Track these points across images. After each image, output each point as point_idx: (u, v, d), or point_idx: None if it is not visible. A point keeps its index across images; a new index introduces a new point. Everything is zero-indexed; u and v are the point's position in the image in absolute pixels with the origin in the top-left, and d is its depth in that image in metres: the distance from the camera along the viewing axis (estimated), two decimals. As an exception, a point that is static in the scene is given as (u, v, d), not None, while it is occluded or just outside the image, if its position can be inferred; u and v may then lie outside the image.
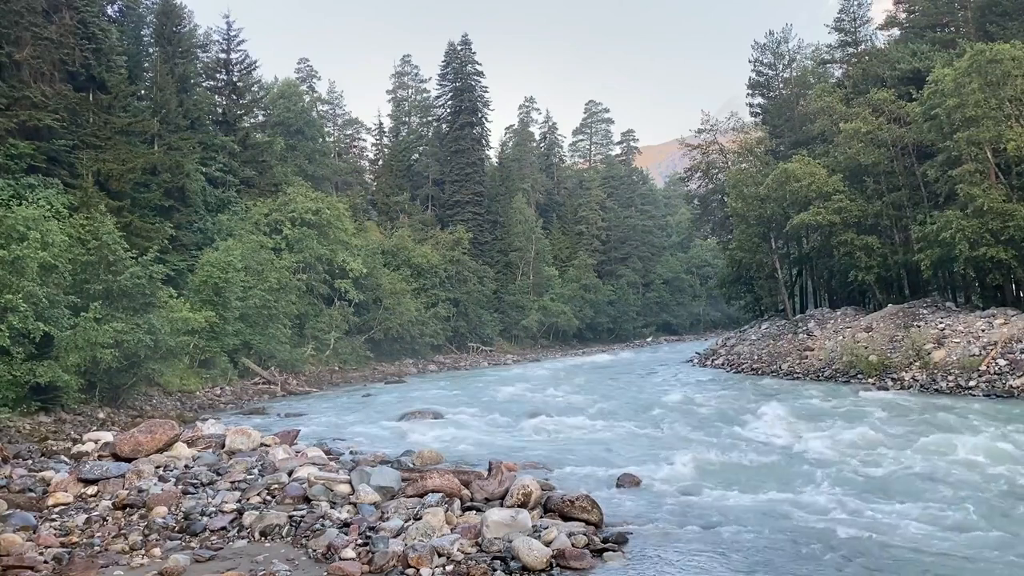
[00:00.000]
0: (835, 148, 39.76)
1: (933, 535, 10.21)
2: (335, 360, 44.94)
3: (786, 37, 57.88)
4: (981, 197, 28.75)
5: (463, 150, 69.97)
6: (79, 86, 33.02)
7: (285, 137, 56.98)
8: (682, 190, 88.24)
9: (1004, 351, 25.88)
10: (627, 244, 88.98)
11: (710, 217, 64.77)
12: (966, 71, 29.68)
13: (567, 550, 9.27)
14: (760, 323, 48.07)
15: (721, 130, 58.82)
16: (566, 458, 15.85)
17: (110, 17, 40.99)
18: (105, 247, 23.89)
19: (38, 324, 19.62)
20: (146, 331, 23.33)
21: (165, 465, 13.39)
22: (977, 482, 12.91)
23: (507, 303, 68.94)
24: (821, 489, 12.70)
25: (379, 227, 63.67)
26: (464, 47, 73.57)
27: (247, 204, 44.65)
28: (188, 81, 44.18)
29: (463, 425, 21.28)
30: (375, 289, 50.10)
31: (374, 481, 11.97)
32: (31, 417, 20.06)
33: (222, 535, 10.29)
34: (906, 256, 35.70)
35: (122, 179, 32.17)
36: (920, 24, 43.12)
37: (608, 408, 24.57)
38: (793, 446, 16.80)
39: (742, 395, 28.45)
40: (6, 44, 29.91)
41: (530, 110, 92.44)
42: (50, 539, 9.86)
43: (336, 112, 77.20)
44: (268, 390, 34.14)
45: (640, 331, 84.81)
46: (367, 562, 9.09)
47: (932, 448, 15.62)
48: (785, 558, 9.45)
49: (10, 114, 29.01)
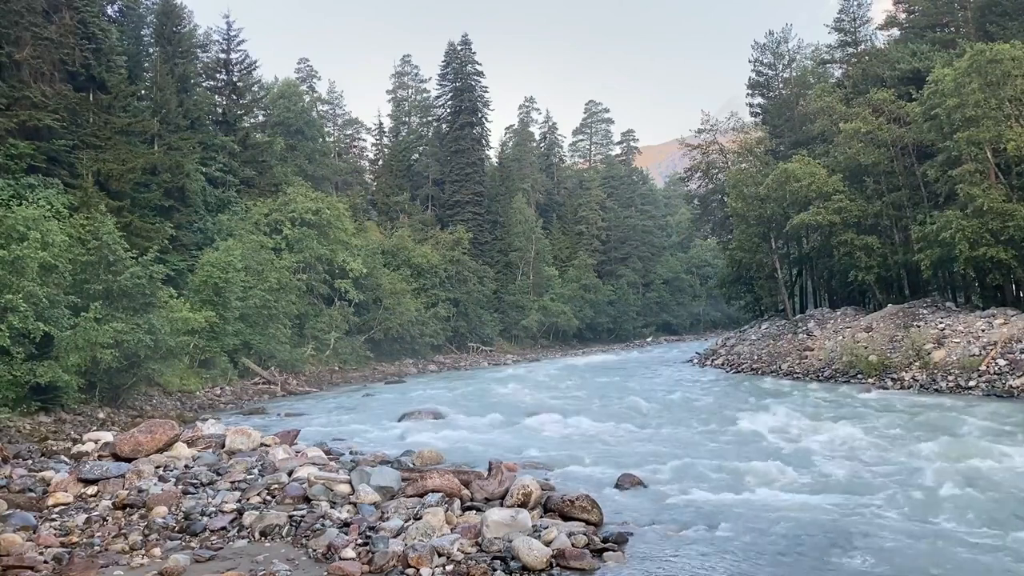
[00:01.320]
0: (835, 148, 39.76)
1: (933, 535, 10.21)
2: (335, 360, 44.96)
3: (786, 37, 57.99)
4: (981, 197, 28.75)
5: (463, 150, 69.99)
6: (79, 86, 33.03)
7: (285, 137, 57.00)
8: (682, 190, 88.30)
9: (1004, 351, 25.88)
10: (627, 244, 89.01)
11: (710, 217, 64.80)
12: (966, 71, 29.68)
13: (567, 550, 9.27)
14: (760, 323, 48.07)
15: (721, 130, 58.88)
16: (566, 458, 15.83)
17: (110, 17, 41.01)
18: (105, 247, 23.89)
19: (38, 324, 19.62)
20: (146, 331, 23.34)
21: (165, 465, 13.39)
22: (977, 482, 12.90)
23: (507, 303, 68.95)
24: (821, 489, 12.69)
25: (379, 227, 63.70)
26: (464, 47, 73.61)
27: (247, 204, 44.68)
28: (188, 81, 44.22)
29: (463, 425, 21.26)
30: (375, 289, 50.13)
31: (374, 481, 11.98)
32: (31, 417, 20.06)
33: (222, 535, 10.29)
34: (906, 256, 35.70)
35: (122, 179, 32.20)
36: (920, 24, 43.12)
37: (608, 408, 24.56)
38: (793, 446, 16.79)
39: (742, 395, 28.46)
40: (6, 44, 29.92)
41: (530, 110, 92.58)
42: (50, 539, 9.86)
43: (336, 112, 77.30)
44: (268, 390, 34.15)
45: (640, 331, 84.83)
46: (367, 562, 9.09)
47: (932, 448, 15.61)
48: (785, 558, 9.45)
49: (10, 114, 29.02)
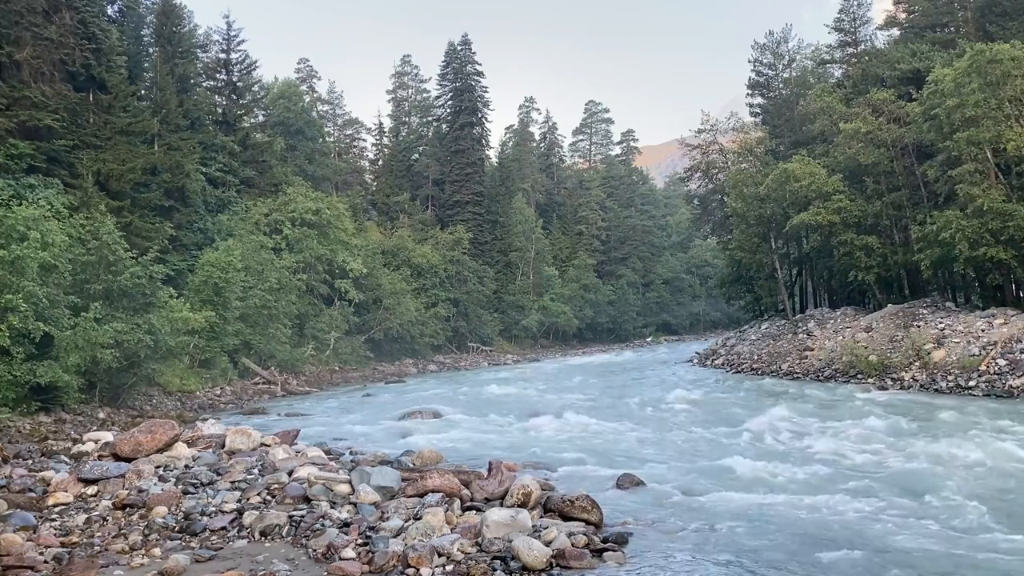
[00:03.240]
0: (835, 148, 39.75)
1: (933, 534, 10.22)
2: (335, 360, 44.97)
3: (786, 37, 57.98)
4: (981, 197, 28.74)
5: (463, 150, 69.98)
6: (79, 86, 33.02)
7: (285, 137, 56.99)
8: (682, 190, 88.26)
9: (1004, 351, 25.88)
10: (627, 244, 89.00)
11: (710, 217, 64.78)
12: (966, 71, 29.67)
13: (567, 550, 9.26)
14: (760, 323, 48.06)
15: (721, 130, 58.87)
16: (566, 458, 15.84)
17: (110, 17, 41.00)
18: (105, 247, 23.89)
19: (38, 324, 19.62)
20: (146, 331, 23.36)
21: (165, 465, 13.37)
22: (977, 482, 12.92)
23: (507, 303, 68.95)
24: (821, 489, 12.69)
25: (379, 227, 63.72)
26: (464, 47, 73.60)
27: (247, 204, 44.69)
28: (188, 81, 44.23)
29: (463, 425, 21.27)
30: (375, 289, 50.14)
31: (374, 481, 11.97)
32: (31, 417, 20.06)
33: (222, 535, 10.28)
34: (906, 256, 35.70)
35: (122, 179, 32.20)
36: (920, 24, 43.13)
37: (608, 408, 24.56)
38: (793, 446, 16.80)
39: (742, 395, 28.48)
40: (6, 44, 29.91)
41: (530, 110, 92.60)
42: (50, 539, 9.85)
43: (336, 112, 77.27)
44: (268, 390, 34.16)
45: (640, 331, 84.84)
46: (367, 562, 9.09)
47: (932, 448, 15.62)
48: (785, 558, 9.44)
49: (10, 114, 29.02)
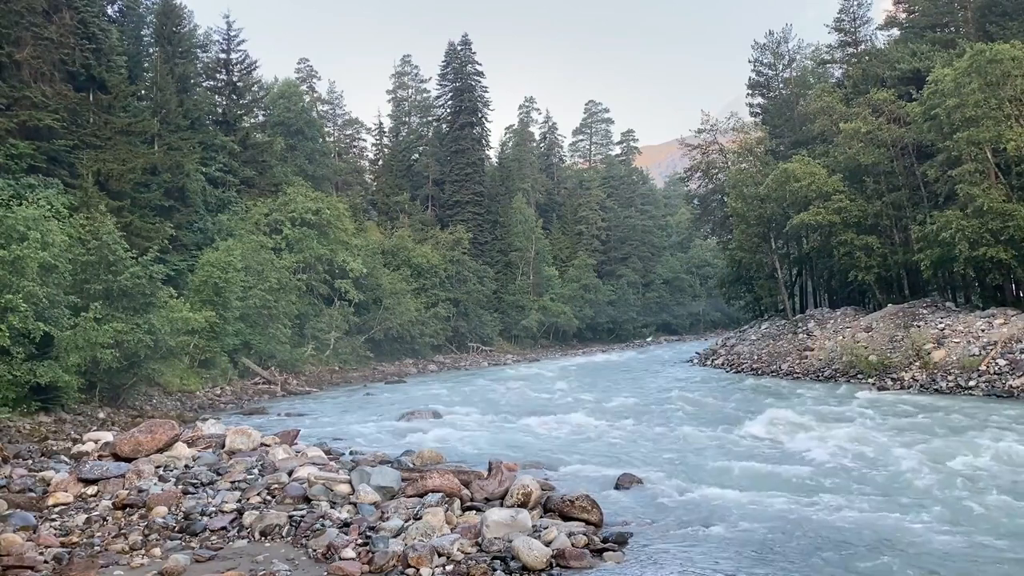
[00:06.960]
0: (835, 148, 39.77)
1: (933, 534, 10.21)
2: (335, 360, 44.96)
3: (786, 37, 57.98)
4: (981, 197, 28.76)
5: (463, 150, 69.97)
6: (79, 86, 33.02)
7: (285, 137, 56.96)
8: (682, 190, 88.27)
9: (1004, 351, 25.89)
10: (627, 244, 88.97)
11: (710, 217, 64.80)
12: (966, 71, 29.69)
13: (567, 550, 9.27)
14: (760, 323, 48.08)
15: (721, 130, 58.87)
16: (566, 458, 15.85)
17: (110, 17, 41.02)
18: (105, 247, 23.86)
19: (38, 324, 19.60)
20: (146, 331, 23.34)
21: (165, 465, 13.38)
22: (977, 482, 12.92)
23: (507, 303, 68.94)
24: (821, 489, 12.70)
25: (379, 227, 63.70)
26: (464, 47, 73.58)
27: (247, 204, 44.67)
28: (188, 81, 44.18)
29: (463, 425, 21.29)
30: (375, 289, 50.13)
31: (374, 481, 11.98)
32: (31, 417, 20.04)
33: (222, 535, 10.29)
34: (906, 256, 35.71)
35: (122, 179, 32.20)
36: (920, 24, 43.12)
37: (608, 408, 24.58)
38: (793, 446, 16.80)
39: (742, 395, 28.48)
40: (6, 44, 29.91)
41: (530, 110, 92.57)
42: (50, 539, 9.85)
43: (336, 112, 77.21)
44: (268, 390, 34.16)
45: (640, 331, 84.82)
46: (367, 562, 9.10)
47: (932, 448, 15.63)
48: (785, 558, 9.45)
49: (10, 114, 29.03)
